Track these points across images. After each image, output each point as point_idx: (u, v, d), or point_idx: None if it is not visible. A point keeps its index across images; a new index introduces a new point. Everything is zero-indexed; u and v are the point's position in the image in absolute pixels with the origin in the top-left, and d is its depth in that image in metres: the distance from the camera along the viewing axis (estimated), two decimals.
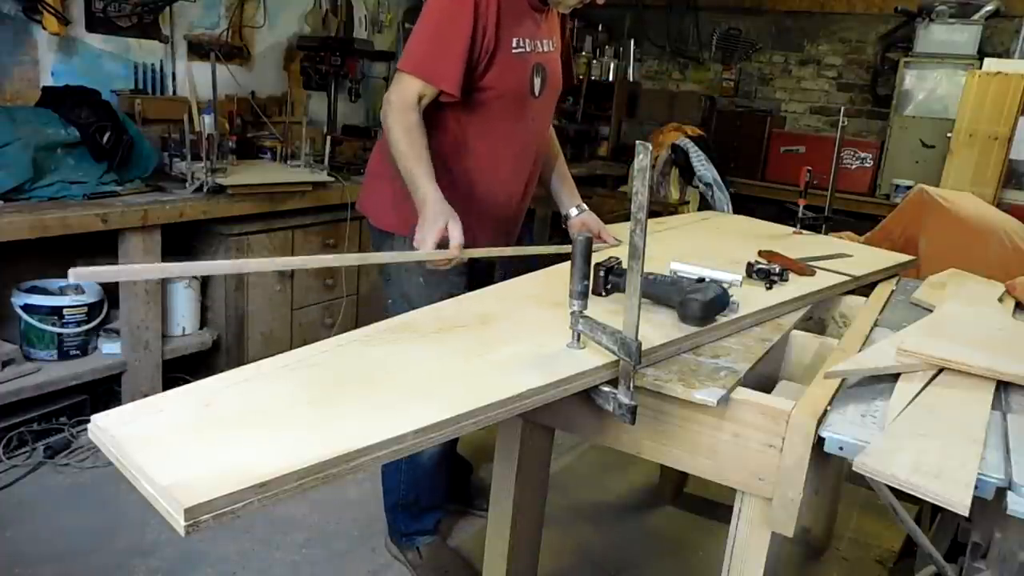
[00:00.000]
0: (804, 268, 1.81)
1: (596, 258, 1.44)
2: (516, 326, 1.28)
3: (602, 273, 1.44)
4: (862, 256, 2.10)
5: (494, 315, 1.32)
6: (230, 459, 0.78)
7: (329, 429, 0.87)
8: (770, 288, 1.65)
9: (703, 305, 1.32)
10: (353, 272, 3.44)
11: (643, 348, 1.09)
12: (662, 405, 1.21)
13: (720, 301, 1.37)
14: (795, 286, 1.70)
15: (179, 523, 0.70)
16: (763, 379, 1.37)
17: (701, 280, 1.42)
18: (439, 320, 1.27)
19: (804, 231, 2.41)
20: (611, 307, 1.38)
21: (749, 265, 1.72)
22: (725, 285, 1.43)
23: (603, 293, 1.44)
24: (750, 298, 1.52)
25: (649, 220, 2.01)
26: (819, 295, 1.73)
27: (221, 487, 0.72)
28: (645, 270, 1.43)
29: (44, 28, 2.83)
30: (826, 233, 2.89)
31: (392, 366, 1.07)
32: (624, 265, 1.44)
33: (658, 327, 1.31)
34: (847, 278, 1.84)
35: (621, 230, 2.18)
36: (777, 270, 1.69)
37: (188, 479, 0.74)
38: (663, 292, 1.40)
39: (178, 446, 0.80)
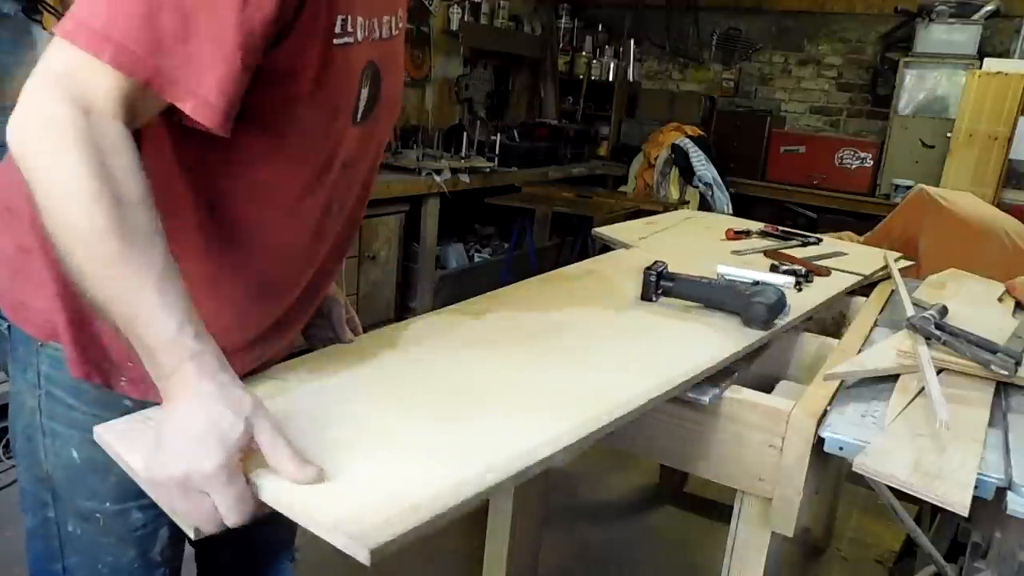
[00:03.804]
0: (819, 269, 1.82)
1: (643, 263, 1.42)
2: (590, 334, 1.24)
3: (652, 278, 1.41)
4: (859, 255, 2.10)
5: (560, 322, 1.27)
6: (385, 488, 0.71)
7: (465, 453, 0.80)
8: (800, 290, 1.64)
9: (768, 308, 1.31)
10: (353, 272, 3.44)
11: (717, 360, 1.09)
12: (662, 405, 1.21)
13: (780, 304, 1.36)
14: (819, 286, 1.70)
15: (365, 559, 0.65)
16: (763, 379, 1.37)
17: (756, 283, 1.41)
18: (508, 329, 1.21)
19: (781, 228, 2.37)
20: (663, 311, 1.37)
21: (773, 266, 1.72)
22: (780, 287, 1.42)
23: (653, 299, 1.42)
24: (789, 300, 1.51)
25: (640, 220, 2.03)
26: (842, 294, 1.73)
27: (397, 522, 0.67)
28: (686, 273, 1.42)
29: (44, 28, 2.83)
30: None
31: (491, 380, 1.00)
32: (671, 269, 1.42)
33: (724, 333, 1.29)
34: (859, 277, 1.85)
35: (621, 230, 2.19)
36: (802, 271, 1.70)
37: (354, 515, 0.67)
38: (719, 296, 1.38)
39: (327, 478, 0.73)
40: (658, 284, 1.41)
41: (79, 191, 0.66)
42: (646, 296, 1.41)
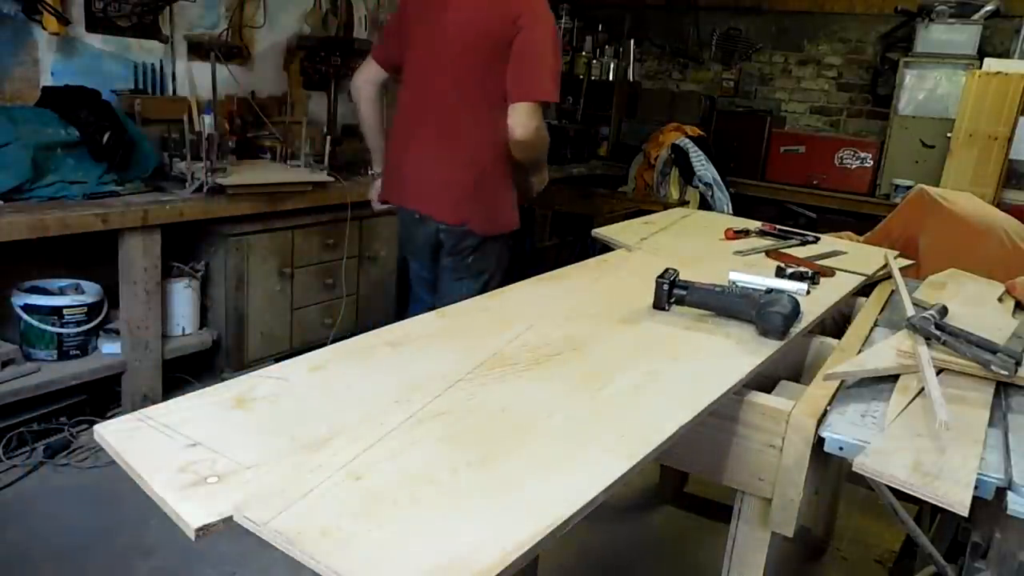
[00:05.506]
0: (824, 270, 1.81)
1: (648, 266, 1.40)
2: (611, 350, 1.22)
3: (665, 287, 1.40)
4: (859, 254, 2.10)
5: (577, 338, 1.25)
6: (432, 551, 0.68)
7: (518, 498, 0.78)
8: (808, 293, 1.61)
9: (785, 318, 1.30)
10: (353, 272, 3.43)
11: (740, 376, 1.10)
12: None
13: (795, 312, 1.34)
14: (826, 288, 1.69)
15: None
16: (763, 379, 1.37)
17: (770, 291, 1.39)
18: (527, 348, 1.18)
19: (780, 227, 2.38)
20: (678, 320, 1.37)
21: (779, 269, 1.71)
22: (794, 295, 1.40)
23: (666, 308, 1.41)
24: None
25: (638, 220, 2.02)
26: (848, 295, 1.73)
27: None
28: (696, 280, 1.42)
29: (44, 28, 2.83)
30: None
31: (523, 410, 0.98)
32: (681, 277, 1.41)
33: (741, 344, 1.28)
34: (863, 276, 1.85)
35: (620, 230, 2.19)
36: (810, 274, 1.69)
37: None
38: (734, 306, 1.36)
39: (361, 536, 0.70)
40: (671, 293, 1.40)
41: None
42: (659, 305, 1.40)
